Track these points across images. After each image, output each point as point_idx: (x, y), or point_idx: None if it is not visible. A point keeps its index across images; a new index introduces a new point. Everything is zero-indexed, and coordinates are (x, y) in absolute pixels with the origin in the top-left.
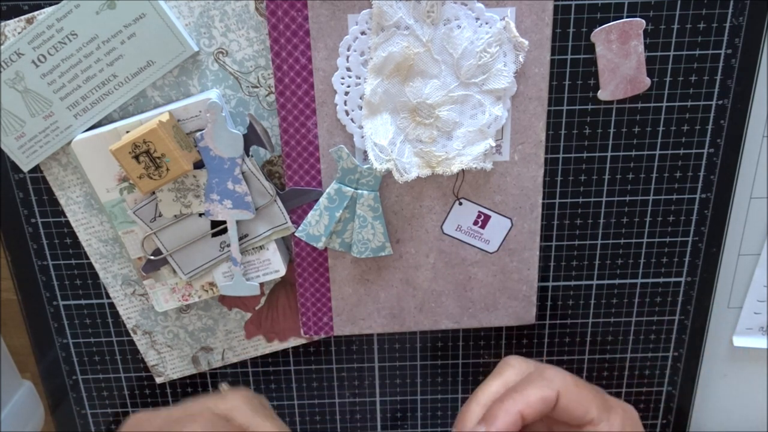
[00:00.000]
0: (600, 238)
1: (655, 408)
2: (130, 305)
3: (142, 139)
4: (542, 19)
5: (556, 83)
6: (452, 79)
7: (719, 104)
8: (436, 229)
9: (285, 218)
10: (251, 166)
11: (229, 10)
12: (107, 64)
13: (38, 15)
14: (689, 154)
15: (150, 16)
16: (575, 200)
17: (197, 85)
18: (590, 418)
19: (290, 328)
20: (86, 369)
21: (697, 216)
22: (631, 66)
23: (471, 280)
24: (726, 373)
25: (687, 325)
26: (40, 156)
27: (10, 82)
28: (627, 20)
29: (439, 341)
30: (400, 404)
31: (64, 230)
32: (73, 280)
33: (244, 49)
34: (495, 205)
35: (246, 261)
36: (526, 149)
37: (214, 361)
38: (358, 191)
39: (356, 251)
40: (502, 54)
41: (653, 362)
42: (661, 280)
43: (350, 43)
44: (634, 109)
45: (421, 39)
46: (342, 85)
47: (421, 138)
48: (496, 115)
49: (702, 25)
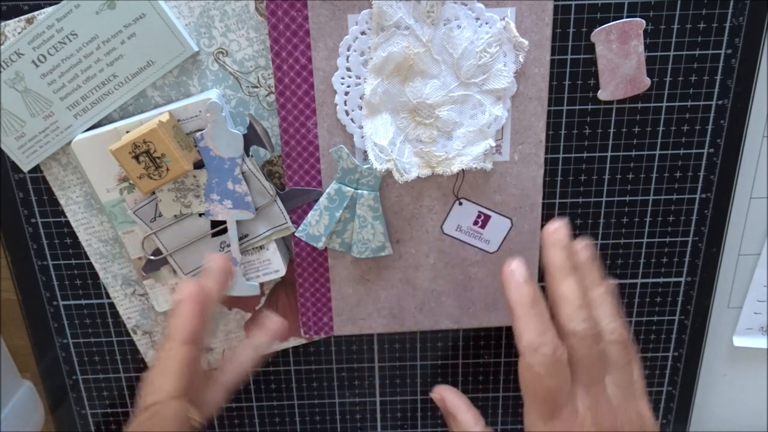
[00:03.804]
0: (600, 238)
1: (655, 408)
2: (130, 305)
3: (142, 139)
4: (542, 19)
5: (556, 83)
6: (452, 79)
7: (719, 104)
8: (436, 229)
9: (285, 218)
10: (251, 166)
11: (229, 10)
12: (107, 64)
13: (38, 15)
14: (689, 154)
15: (150, 16)
16: (575, 200)
17: (197, 85)
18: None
19: (290, 328)
20: (86, 369)
21: (697, 216)
22: (631, 66)
23: (471, 280)
24: (726, 373)
25: (687, 325)
26: (40, 156)
27: (10, 82)
28: (627, 20)
29: (439, 341)
30: (400, 404)
31: (64, 230)
32: (73, 280)
33: (244, 49)
34: (495, 205)
35: (246, 261)
36: (526, 149)
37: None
38: (358, 191)
39: (356, 251)
40: (502, 54)
41: (653, 362)
42: (661, 280)
43: (350, 43)
44: (634, 109)
45: (421, 39)
46: (342, 85)
47: (421, 138)
48: (496, 115)
49: (702, 25)
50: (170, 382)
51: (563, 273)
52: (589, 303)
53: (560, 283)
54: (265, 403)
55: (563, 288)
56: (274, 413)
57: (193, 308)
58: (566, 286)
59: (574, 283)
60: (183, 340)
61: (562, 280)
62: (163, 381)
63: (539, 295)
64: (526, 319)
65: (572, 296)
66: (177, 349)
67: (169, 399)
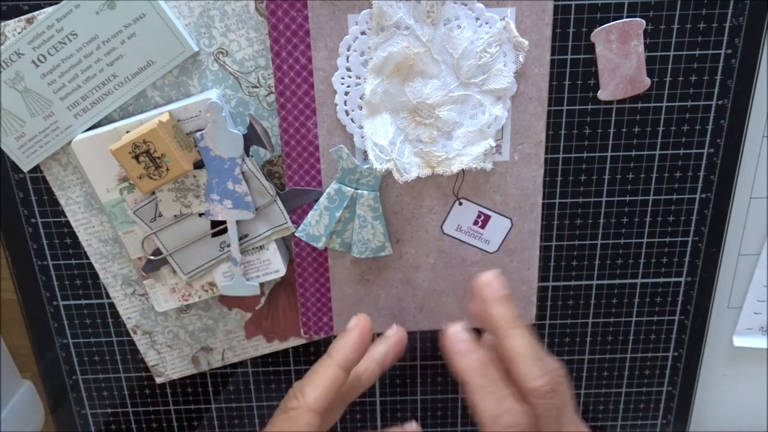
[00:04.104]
0: (600, 238)
1: (655, 408)
2: (130, 305)
3: (142, 139)
4: (542, 19)
5: (556, 83)
6: (452, 79)
7: (719, 104)
8: (436, 229)
9: (285, 218)
10: (251, 166)
11: (229, 10)
12: (107, 64)
13: (38, 15)
14: (689, 154)
15: (150, 16)
16: (575, 200)
17: (197, 85)
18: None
19: (290, 328)
20: (86, 369)
21: (697, 216)
22: (631, 66)
23: (471, 280)
24: (726, 373)
25: (687, 325)
26: (40, 156)
27: (10, 82)
28: (627, 20)
29: (439, 341)
30: (400, 404)
31: (64, 230)
32: (73, 280)
33: (244, 49)
34: (495, 205)
35: (246, 261)
36: (526, 149)
37: (214, 361)
38: (358, 191)
39: (356, 251)
40: (502, 54)
41: (653, 362)
42: (661, 280)
43: (350, 43)
44: (634, 109)
45: (421, 39)
46: (342, 85)
47: (421, 138)
48: (496, 115)
49: (702, 25)
50: (316, 395)
51: (510, 327)
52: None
53: (511, 339)
54: (265, 403)
55: (516, 344)
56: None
57: (359, 339)
58: (518, 341)
59: (522, 335)
60: (339, 364)
61: (512, 336)
62: (311, 391)
63: (488, 359)
64: (482, 389)
65: (525, 351)
66: (333, 368)
67: (308, 409)
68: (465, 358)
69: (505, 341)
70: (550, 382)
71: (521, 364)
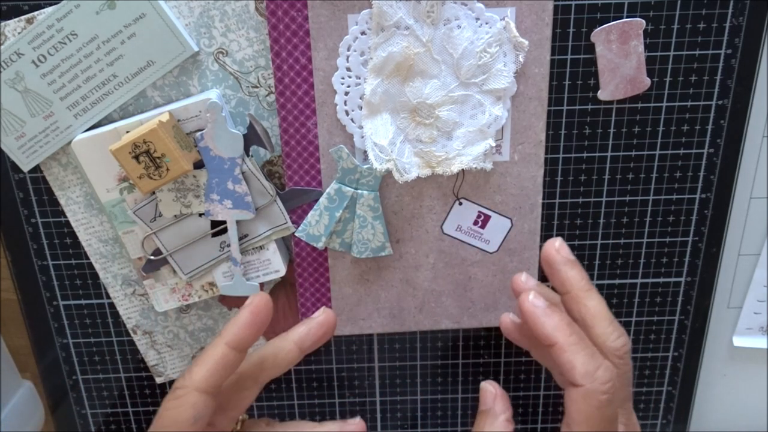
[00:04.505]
0: (600, 238)
1: (655, 408)
2: (130, 305)
3: (142, 139)
4: (542, 19)
5: (556, 83)
6: (452, 79)
7: (719, 104)
8: (436, 229)
9: (285, 218)
10: (251, 166)
11: (229, 10)
12: (107, 64)
13: (38, 15)
14: (689, 154)
15: (150, 16)
16: (575, 200)
17: (197, 85)
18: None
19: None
20: (86, 369)
21: (697, 216)
22: (631, 66)
23: (471, 280)
24: (726, 373)
25: (687, 325)
26: (40, 156)
27: (10, 82)
28: (627, 20)
29: (439, 341)
30: (400, 404)
31: (64, 230)
32: (73, 280)
33: (244, 49)
34: (495, 205)
35: (246, 261)
36: (526, 149)
37: None
38: (358, 191)
39: (356, 251)
40: (502, 54)
41: (653, 362)
42: (661, 280)
43: (350, 43)
44: (634, 109)
45: (421, 39)
46: (342, 85)
47: (421, 138)
48: (496, 115)
49: (702, 25)
50: (201, 374)
51: (585, 290)
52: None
53: (586, 301)
54: (265, 403)
55: (593, 305)
56: (274, 413)
57: (250, 318)
58: (594, 303)
59: (597, 297)
60: (228, 342)
61: (588, 297)
62: (197, 371)
63: (571, 319)
64: (573, 345)
65: (602, 313)
66: (220, 347)
67: (194, 389)
68: (550, 319)
69: (582, 302)
70: (628, 343)
71: (601, 324)
